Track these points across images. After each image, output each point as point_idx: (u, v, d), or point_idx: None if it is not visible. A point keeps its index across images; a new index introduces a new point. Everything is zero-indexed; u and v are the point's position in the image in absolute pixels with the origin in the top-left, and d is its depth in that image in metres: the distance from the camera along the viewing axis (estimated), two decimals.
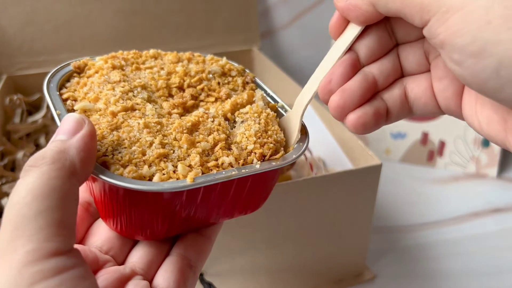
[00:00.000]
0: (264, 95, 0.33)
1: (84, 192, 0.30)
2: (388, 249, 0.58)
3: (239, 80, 0.34)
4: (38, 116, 0.62)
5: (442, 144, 0.73)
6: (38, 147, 0.61)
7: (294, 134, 0.30)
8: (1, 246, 0.20)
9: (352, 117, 0.26)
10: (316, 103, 0.61)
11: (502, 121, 0.23)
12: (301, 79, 0.84)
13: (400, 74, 0.28)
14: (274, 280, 0.49)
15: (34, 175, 0.21)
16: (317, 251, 0.49)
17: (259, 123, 0.29)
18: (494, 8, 0.19)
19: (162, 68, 0.34)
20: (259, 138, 0.28)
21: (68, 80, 0.32)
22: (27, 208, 0.20)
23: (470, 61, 0.20)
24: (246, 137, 0.28)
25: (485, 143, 0.71)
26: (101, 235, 0.28)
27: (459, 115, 0.26)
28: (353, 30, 0.27)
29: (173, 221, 0.28)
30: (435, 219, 0.63)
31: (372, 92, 0.27)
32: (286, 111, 0.32)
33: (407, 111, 0.27)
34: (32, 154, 0.59)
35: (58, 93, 0.30)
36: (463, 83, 0.22)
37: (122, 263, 0.28)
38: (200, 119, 0.29)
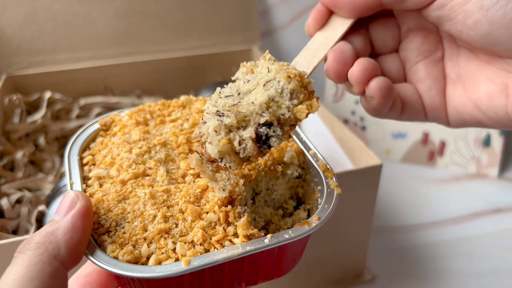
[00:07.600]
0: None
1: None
2: (388, 249, 0.58)
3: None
4: (38, 116, 0.62)
5: (442, 144, 0.73)
6: (37, 147, 0.61)
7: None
8: None
9: (374, 82, 0.27)
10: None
11: (504, 88, 0.24)
12: None
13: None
14: (274, 280, 0.49)
15: (17, 263, 0.22)
16: (317, 251, 0.49)
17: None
18: None
19: (187, 119, 0.33)
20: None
21: (94, 140, 0.32)
22: None
23: (503, 2, 0.23)
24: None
25: (486, 142, 0.71)
26: None
27: (442, 113, 0.28)
28: (342, 23, 0.28)
29: None
30: (435, 219, 0.63)
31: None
32: (317, 160, 0.30)
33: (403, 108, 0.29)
34: (31, 154, 0.59)
35: (78, 158, 0.30)
36: (474, 41, 0.24)
37: None
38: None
